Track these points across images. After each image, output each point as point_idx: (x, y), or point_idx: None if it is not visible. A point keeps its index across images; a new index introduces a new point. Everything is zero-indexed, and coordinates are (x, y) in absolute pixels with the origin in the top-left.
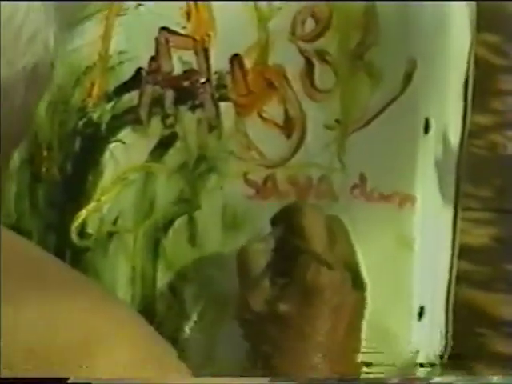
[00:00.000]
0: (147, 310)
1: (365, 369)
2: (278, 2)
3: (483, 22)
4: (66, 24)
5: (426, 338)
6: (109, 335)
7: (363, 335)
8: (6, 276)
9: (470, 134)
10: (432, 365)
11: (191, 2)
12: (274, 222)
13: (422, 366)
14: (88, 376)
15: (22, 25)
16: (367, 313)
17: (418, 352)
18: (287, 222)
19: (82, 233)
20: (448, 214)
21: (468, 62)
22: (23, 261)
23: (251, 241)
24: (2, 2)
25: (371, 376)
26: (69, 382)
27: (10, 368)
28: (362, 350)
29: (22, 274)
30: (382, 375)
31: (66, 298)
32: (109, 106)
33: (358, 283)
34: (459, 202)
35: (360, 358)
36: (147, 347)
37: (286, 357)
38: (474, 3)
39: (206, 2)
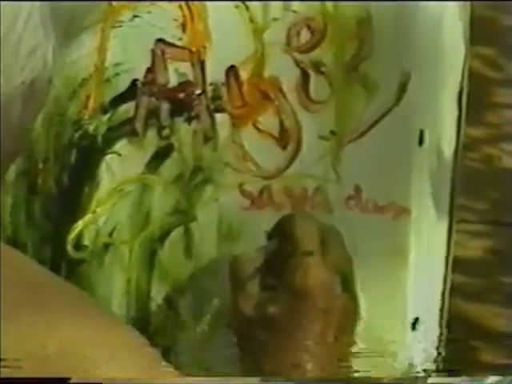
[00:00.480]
0: (142, 321)
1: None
2: (274, 12)
3: (477, 35)
4: (64, 38)
5: (420, 350)
6: (103, 348)
7: (355, 340)
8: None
9: (464, 146)
10: (425, 376)
11: (187, 13)
12: (270, 235)
13: (415, 377)
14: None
15: (20, 39)
16: (359, 317)
17: (411, 363)
18: (281, 232)
19: (78, 245)
20: (443, 226)
21: (462, 74)
22: (20, 276)
23: (244, 251)
24: (3, 3)
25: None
26: (71, 382)
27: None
28: (356, 359)
29: (18, 289)
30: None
31: (62, 313)
32: (105, 117)
33: (348, 287)
34: (454, 215)
35: (352, 364)
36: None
37: (275, 360)
38: (467, 15)
39: (202, 13)
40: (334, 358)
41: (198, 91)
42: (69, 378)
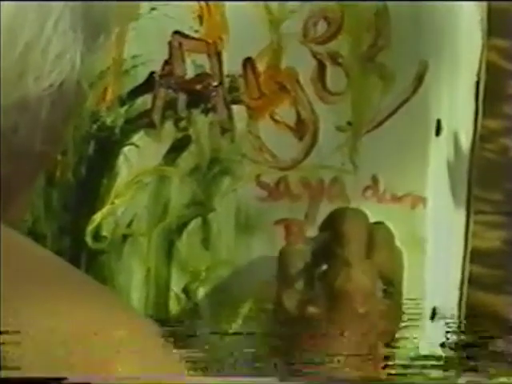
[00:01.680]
0: (161, 312)
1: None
2: (291, 4)
3: (494, 27)
4: (92, 42)
5: (439, 340)
6: (126, 343)
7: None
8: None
9: (481, 137)
10: (445, 366)
11: (204, 5)
12: (322, 227)
13: (434, 367)
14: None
15: (49, 42)
16: (400, 324)
17: (431, 353)
18: (330, 227)
19: (97, 236)
20: (460, 216)
21: (479, 65)
22: (39, 269)
23: (293, 242)
24: (3, 3)
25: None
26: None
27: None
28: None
29: (38, 282)
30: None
31: (78, 303)
32: (122, 109)
33: (391, 293)
34: (471, 205)
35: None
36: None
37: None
38: (484, 7)
39: (219, 5)
40: (371, 364)
41: (215, 83)
42: (65, 378)
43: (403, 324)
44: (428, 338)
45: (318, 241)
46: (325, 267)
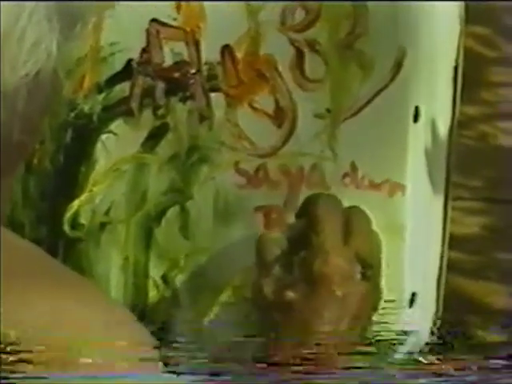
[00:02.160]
0: (139, 299)
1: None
2: None
3: (472, 14)
4: (69, 31)
5: (416, 326)
6: (103, 332)
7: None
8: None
9: (459, 124)
10: (421, 352)
11: None
12: (298, 214)
13: (411, 353)
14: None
15: (24, 31)
16: (378, 307)
17: (407, 339)
18: (306, 213)
19: (75, 224)
20: (438, 203)
21: (457, 51)
22: (16, 259)
23: (270, 230)
24: (3, 2)
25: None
26: None
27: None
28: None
29: (16, 272)
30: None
31: (57, 294)
32: (100, 97)
33: (369, 275)
34: (449, 192)
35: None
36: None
37: (287, 343)
38: None
39: None
40: (348, 344)
41: (193, 70)
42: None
43: (382, 310)
44: (406, 324)
45: (294, 227)
46: (302, 253)
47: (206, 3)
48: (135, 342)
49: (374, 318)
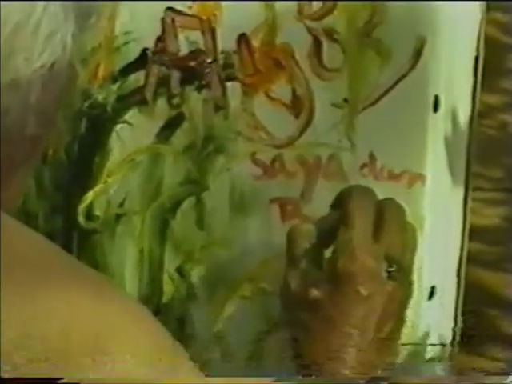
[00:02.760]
0: (154, 292)
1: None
2: None
3: (493, 2)
4: (84, 22)
5: (437, 318)
6: (120, 329)
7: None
8: (14, 269)
9: (479, 113)
10: (442, 345)
11: None
12: (332, 206)
13: (432, 345)
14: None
15: (39, 23)
16: (407, 307)
17: (428, 332)
18: (339, 206)
19: (89, 215)
20: (458, 193)
21: (478, 40)
22: (30, 254)
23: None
24: (3, 2)
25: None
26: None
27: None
28: None
29: (29, 267)
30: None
31: (73, 291)
32: (114, 86)
33: (396, 274)
34: (469, 182)
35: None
36: (158, 342)
37: (312, 342)
38: None
39: None
40: (374, 349)
41: (209, 59)
42: (61, 378)
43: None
44: (426, 316)
45: (326, 220)
46: (330, 248)
47: None
48: (152, 339)
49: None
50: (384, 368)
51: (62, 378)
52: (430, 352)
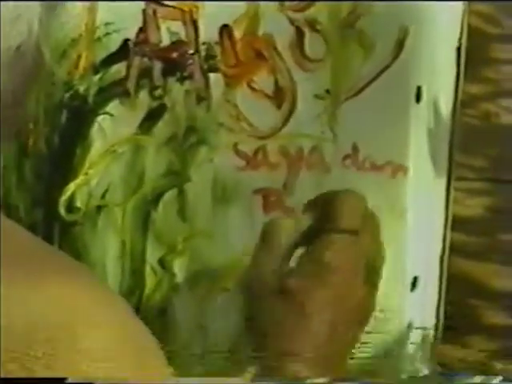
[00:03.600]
0: (137, 284)
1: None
2: None
3: None
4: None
5: (420, 309)
6: (94, 317)
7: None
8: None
9: (462, 103)
10: (425, 337)
11: None
12: (312, 203)
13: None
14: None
15: (6, 6)
16: (371, 315)
17: (410, 323)
18: (323, 207)
19: (70, 207)
20: (441, 184)
21: (461, 30)
22: (8, 242)
23: (282, 217)
24: (3, 2)
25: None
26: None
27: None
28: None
29: (7, 256)
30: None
31: (51, 279)
32: (96, 78)
33: (370, 281)
34: (452, 172)
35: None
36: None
37: (282, 335)
38: None
39: None
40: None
41: (190, 51)
42: (65, 378)
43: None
44: (408, 307)
45: (306, 217)
46: (309, 246)
47: None
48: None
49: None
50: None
51: (64, 379)
52: (413, 343)
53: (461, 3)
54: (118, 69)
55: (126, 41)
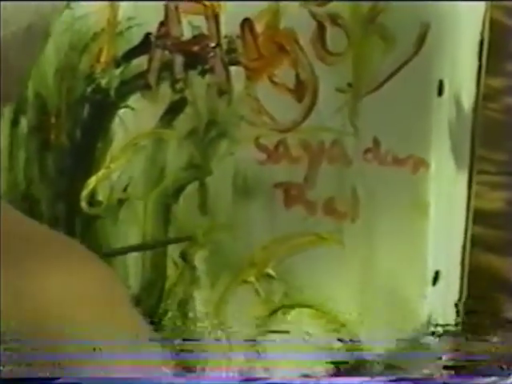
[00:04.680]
0: (158, 276)
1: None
2: None
3: None
4: None
5: (441, 303)
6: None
7: None
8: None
9: (484, 96)
10: (446, 330)
11: None
12: None
13: (435, 332)
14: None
15: None
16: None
17: (432, 317)
18: None
19: (92, 200)
20: (463, 177)
21: (483, 24)
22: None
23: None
24: (3, 2)
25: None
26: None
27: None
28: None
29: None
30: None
31: (48, 259)
32: (117, 71)
33: None
34: (474, 166)
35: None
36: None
37: None
38: None
39: None
40: None
41: (212, 44)
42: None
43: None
44: (430, 301)
45: None
46: None
47: None
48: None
49: (399, 296)
50: None
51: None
52: (434, 337)
53: None
54: (140, 62)
55: (148, 34)
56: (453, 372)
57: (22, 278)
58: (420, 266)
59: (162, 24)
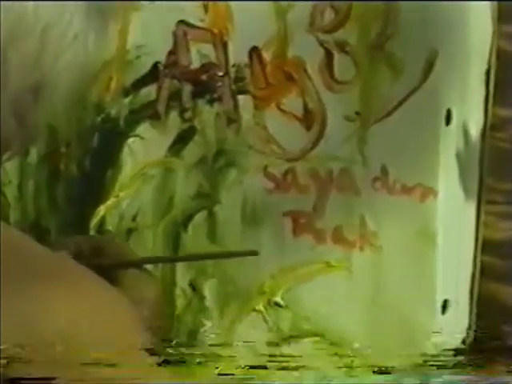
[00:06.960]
0: (167, 305)
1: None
2: None
3: (504, 14)
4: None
5: (450, 332)
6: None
7: None
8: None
9: (491, 126)
10: (455, 360)
11: None
12: None
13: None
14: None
15: (68, 26)
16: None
17: (440, 345)
18: None
19: (101, 229)
20: (471, 207)
21: (490, 53)
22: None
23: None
24: (3, 2)
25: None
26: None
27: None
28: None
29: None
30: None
31: (48, 281)
32: (126, 100)
33: None
34: (482, 196)
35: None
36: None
37: None
38: None
39: None
40: None
41: (220, 73)
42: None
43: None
44: (439, 330)
45: None
46: None
47: (233, 3)
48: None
49: (408, 325)
50: None
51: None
52: (442, 365)
53: (490, 25)
54: (149, 91)
55: (157, 63)
56: None
57: (31, 303)
58: (429, 294)
59: (170, 52)
